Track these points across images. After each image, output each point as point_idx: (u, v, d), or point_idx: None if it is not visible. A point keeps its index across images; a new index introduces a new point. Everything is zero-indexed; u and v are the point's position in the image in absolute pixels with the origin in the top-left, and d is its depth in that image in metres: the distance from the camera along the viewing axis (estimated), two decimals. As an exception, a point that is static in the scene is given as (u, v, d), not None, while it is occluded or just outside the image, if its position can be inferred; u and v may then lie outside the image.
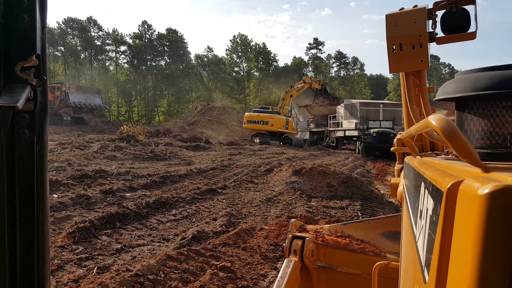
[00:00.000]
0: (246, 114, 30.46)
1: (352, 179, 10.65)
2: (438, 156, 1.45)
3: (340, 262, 2.58)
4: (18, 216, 0.70)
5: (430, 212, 0.62)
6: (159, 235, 6.14)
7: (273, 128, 28.19)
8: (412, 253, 0.88)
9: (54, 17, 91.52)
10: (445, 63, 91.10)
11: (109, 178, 9.87)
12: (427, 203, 0.68)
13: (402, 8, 2.04)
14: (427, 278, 0.58)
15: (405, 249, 1.22)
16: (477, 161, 0.52)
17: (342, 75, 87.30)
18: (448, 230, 0.48)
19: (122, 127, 20.69)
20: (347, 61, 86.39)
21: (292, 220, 3.25)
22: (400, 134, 2.50)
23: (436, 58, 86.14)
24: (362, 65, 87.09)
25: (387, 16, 2.00)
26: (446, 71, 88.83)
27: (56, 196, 7.82)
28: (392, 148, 2.14)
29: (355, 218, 7.66)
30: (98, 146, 15.30)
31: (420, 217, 0.76)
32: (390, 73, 2.11)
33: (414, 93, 2.06)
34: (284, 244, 2.72)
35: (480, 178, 0.44)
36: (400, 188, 1.86)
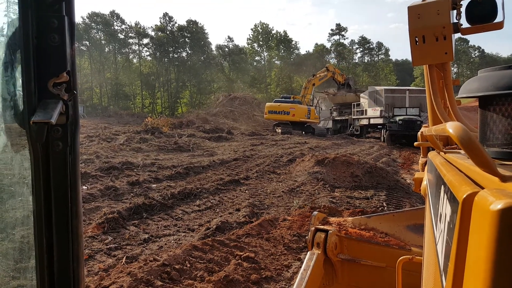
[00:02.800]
0: (267, 104, 30.24)
1: (377, 168, 10.52)
2: (462, 152, 1.43)
3: (364, 255, 2.58)
4: (54, 221, 0.75)
5: (448, 218, 0.63)
6: (184, 225, 6.27)
7: (295, 118, 27.97)
8: (433, 253, 0.89)
9: (79, 12, 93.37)
10: (474, 45, 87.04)
11: (135, 170, 10.10)
12: (445, 208, 0.68)
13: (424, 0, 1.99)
14: (444, 283, 0.59)
15: (427, 248, 1.22)
16: (494, 171, 0.53)
17: (366, 61, 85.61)
18: (464, 241, 0.49)
19: (146, 119, 21.05)
20: (371, 46, 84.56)
21: (315, 212, 3.25)
22: (424, 127, 2.46)
23: (465, 40, 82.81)
24: (387, 50, 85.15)
25: (409, 8, 1.96)
26: (476, 55, 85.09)
27: (86, 187, 8.07)
28: (415, 143, 2.11)
29: (380, 209, 7.59)
30: (124, 139, 15.65)
31: (440, 220, 0.77)
32: (413, 65, 2.07)
33: (439, 85, 2.02)
34: (307, 237, 2.74)
35: (495, 190, 0.45)
36: (424, 183, 1.85)
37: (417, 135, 2.17)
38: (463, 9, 1.92)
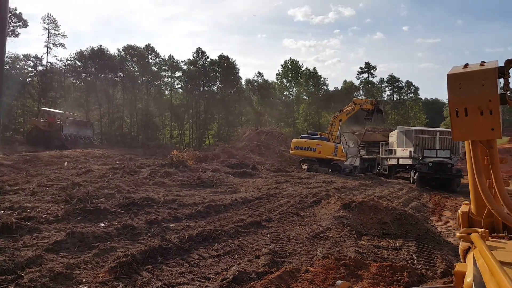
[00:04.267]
0: (294, 140, 29.98)
1: (406, 215, 9.95)
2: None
3: None
4: None
5: None
6: (200, 272, 5.95)
7: (321, 155, 27.52)
8: None
9: (115, 45, 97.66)
10: None
11: (155, 207, 9.93)
12: None
13: (467, 65, 1.71)
14: None
15: None
16: None
17: (395, 99, 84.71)
18: None
19: (172, 152, 21.16)
20: (400, 85, 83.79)
21: (339, 281, 2.92)
22: (465, 205, 2.14)
23: None
24: (416, 89, 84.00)
25: (449, 76, 1.69)
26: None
27: (103, 225, 7.93)
28: (457, 234, 1.79)
29: (409, 262, 7.04)
30: (148, 172, 15.65)
31: None
32: (454, 140, 1.78)
33: (483, 163, 1.71)
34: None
35: None
36: (468, 280, 1.51)
37: (457, 214, 1.85)
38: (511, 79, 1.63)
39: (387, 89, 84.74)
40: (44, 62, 59.12)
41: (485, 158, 1.79)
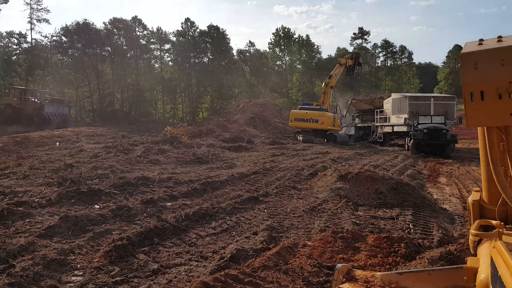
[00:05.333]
0: (293, 111, 29.37)
1: (402, 184, 9.96)
2: None
3: None
4: None
5: None
6: (197, 252, 5.90)
7: (323, 126, 27.28)
8: None
9: (101, 18, 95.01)
10: None
11: (151, 186, 9.83)
12: None
13: (481, 41, 1.52)
14: None
15: None
16: None
17: (389, 64, 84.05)
18: None
19: (166, 129, 20.90)
20: (394, 50, 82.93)
21: (339, 265, 2.83)
22: (475, 191, 2.01)
23: None
24: (410, 53, 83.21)
25: (463, 54, 1.49)
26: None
27: (98, 207, 7.83)
28: (471, 231, 1.65)
29: (406, 231, 7.06)
30: (141, 150, 15.45)
31: None
32: (467, 127, 1.61)
33: (499, 150, 1.55)
34: None
35: None
36: (482, 277, 1.39)
37: (468, 202, 1.72)
38: None
39: (380, 54, 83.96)
40: (28, 39, 57.73)
41: (501, 144, 1.66)
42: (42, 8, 56.58)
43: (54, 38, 58.57)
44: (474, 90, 1.53)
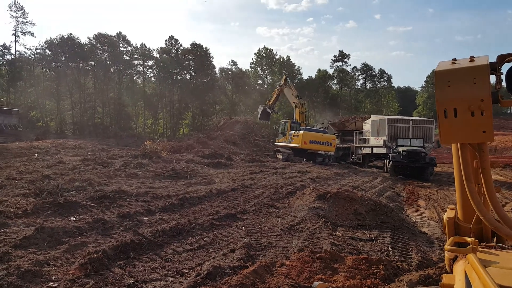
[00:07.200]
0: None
1: (381, 206, 10.05)
2: (502, 250, 1.05)
3: None
4: None
5: None
6: (173, 268, 5.80)
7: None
8: None
9: (85, 33, 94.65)
10: None
11: (128, 199, 9.67)
12: None
13: (455, 60, 1.58)
14: None
15: None
16: None
17: (368, 87, 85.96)
18: None
19: (145, 143, 20.70)
20: (374, 73, 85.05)
21: (316, 283, 2.83)
22: (450, 209, 2.06)
23: None
24: (389, 77, 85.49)
25: (436, 72, 1.56)
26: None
27: (74, 219, 7.65)
28: (446, 247, 1.69)
29: (385, 253, 7.10)
30: (120, 163, 15.24)
31: None
32: (441, 144, 1.66)
33: (472, 167, 1.61)
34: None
35: None
36: None
37: (443, 219, 1.77)
38: (504, 76, 1.52)
39: (360, 77, 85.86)
40: (12, 51, 57.20)
41: (474, 161, 1.71)
42: (27, 21, 56.50)
43: (38, 50, 58.22)
44: (447, 107, 1.57)
